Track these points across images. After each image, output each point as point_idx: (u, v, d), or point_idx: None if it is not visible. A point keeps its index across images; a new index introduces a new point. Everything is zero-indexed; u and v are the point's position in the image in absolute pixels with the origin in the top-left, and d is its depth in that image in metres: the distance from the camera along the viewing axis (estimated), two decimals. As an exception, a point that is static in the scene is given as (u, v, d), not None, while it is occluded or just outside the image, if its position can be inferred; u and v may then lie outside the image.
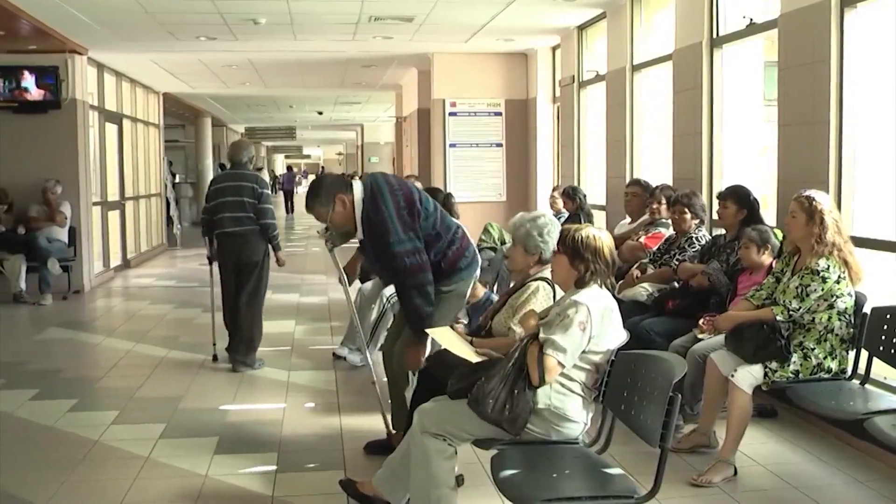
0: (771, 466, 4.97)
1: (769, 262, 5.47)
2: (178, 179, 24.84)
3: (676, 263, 6.35)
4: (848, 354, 4.85)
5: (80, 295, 11.91)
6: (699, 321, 5.25)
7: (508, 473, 3.49)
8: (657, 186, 7.61)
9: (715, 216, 6.52)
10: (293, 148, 56.08)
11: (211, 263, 7.70)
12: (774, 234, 5.64)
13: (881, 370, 5.06)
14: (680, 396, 3.28)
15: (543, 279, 4.45)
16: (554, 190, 10.56)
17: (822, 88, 5.84)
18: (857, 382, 4.83)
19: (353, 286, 6.50)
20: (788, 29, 6.28)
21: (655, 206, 7.34)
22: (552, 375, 3.67)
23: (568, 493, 3.39)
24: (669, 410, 3.27)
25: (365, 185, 4.73)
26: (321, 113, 26.31)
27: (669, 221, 6.91)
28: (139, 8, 9.55)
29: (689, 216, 6.48)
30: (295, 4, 9.58)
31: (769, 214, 6.44)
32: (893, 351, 4.65)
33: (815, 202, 4.81)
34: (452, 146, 13.27)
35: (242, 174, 7.49)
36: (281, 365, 7.57)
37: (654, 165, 9.10)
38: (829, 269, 4.73)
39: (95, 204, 13.11)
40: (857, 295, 4.86)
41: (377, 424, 5.30)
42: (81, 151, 12.16)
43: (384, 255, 4.67)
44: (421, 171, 14.62)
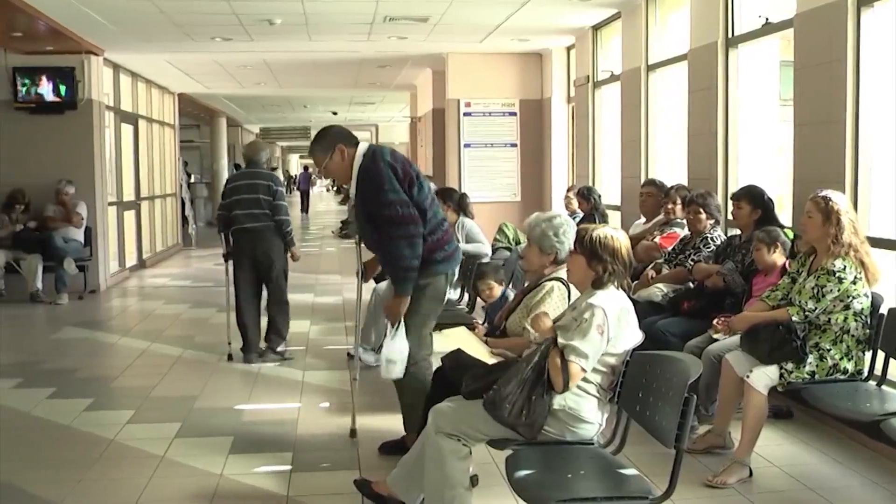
0: (786, 468, 4.95)
1: (782, 261, 5.45)
2: (193, 179, 24.90)
3: (691, 264, 6.33)
4: (864, 355, 4.83)
5: (95, 294, 11.96)
6: (714, 322, 5.24)
7: (523, 474, 3.49)
8: (672, 186, 7.60)
9: (730, 216, 6.50)
10: (308, 148, 56.14)
11: (227, 261, 7.80)
12: (785, 233, 5.62)
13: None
14: (695, 397, 3.28)
15: (558, 279, 4.45)
16: (569, 190, 10.55)
17: (838, 88, 5.81)
18: (873, 384, 4.81)
19: (367, 285, 6.51)
20: (804, 28, 6.25)
21: (670, 206, 7.33)
22: (575, 381, 3.67)
23: (583, 493, 3.39)
24: (684, 411, 3.26)
25: (369, 146, 4.90)
26: (336, 113, 26.34)
27: (684, 222, 6.89)
28: (155, 9, 9.59)
29: (704, 216, 6.46)
30: (310, 5, 9.59)
31: (784, 215, 6.41)
32: (910, 352, 4.63)
33: (831, 202, 4.79)
34: (467, 146, 13.26)
35: (258, 173, 7.65)
36: (296, 365, 7.59)
37: (669, 165, 9.08)
38: (845, 269, 4.71)
39: (111, 204, 13.17)
40: (873, 296, 4.83)
41: (392, 424, 5.31)
42: (97, 152, 12.22)
43: (377, 205, 4.69)
44: (435, 171, 14.62)
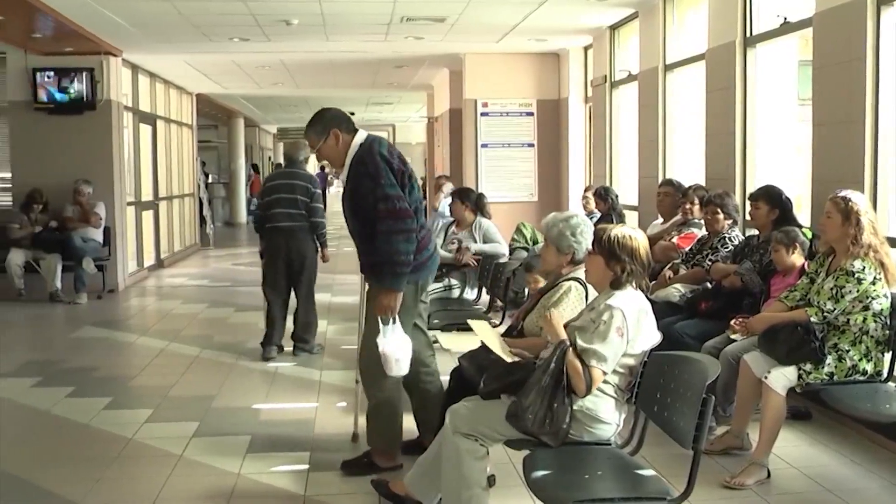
0: (805, 469, 4.93)
1: (801, 262, 5.42)
2: (210, 179, 25.00)
3: (709, 264, 6.31)
4: (884, 356, 4.79)
5: (114, 294, 12.03)
6: (732, 322, 5.22)
7: (540, 474, 3.49)
8: (690, 186, 7.57)
9: (748, 217, 6.48)
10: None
11: (262, 258, 8.02)
12: (803, 233, 5.59)
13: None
14: (713, 398, 3.27)
15: (576, 279, 4.44)
16: (586, 190, 10.53)
17: (857, 87, 5.78)
18: (892, 385, 4.78)
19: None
20: (823, 27, 6.22)
21: (688, 206, 7.31)
22: (596, 385, 3.67)
23: (600, 494, 3.39)
24: (702, 412, 3.25)
25: (367, 136, 4.85)
26: (353, 113, 25.99)
27: (702, 222, 6.86)
28: (173, 10, 9.63)
29: (721, 216, 6.44)
30: (327, 5, 9.61)
31: (803, 215, 6.38)
32: (930, 353, 4.60)
33: (851, 202, 4.76)
34: (484, 146, 13.25)
35: (297, 173, 7.85)
36: (313, 364, 7.61)
37: (686, 165, 9.05)
38: (864, 270, 4.68)
39: (129, 204, 13.23)
40: (893, 296, 4.80)
41: (408, 424, 5.30)
42: (116, 152, 12.29)
43: (371, 198, 4.59)
44: (452, 171, 14.61)
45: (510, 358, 4.00)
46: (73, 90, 11.83)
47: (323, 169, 39.85)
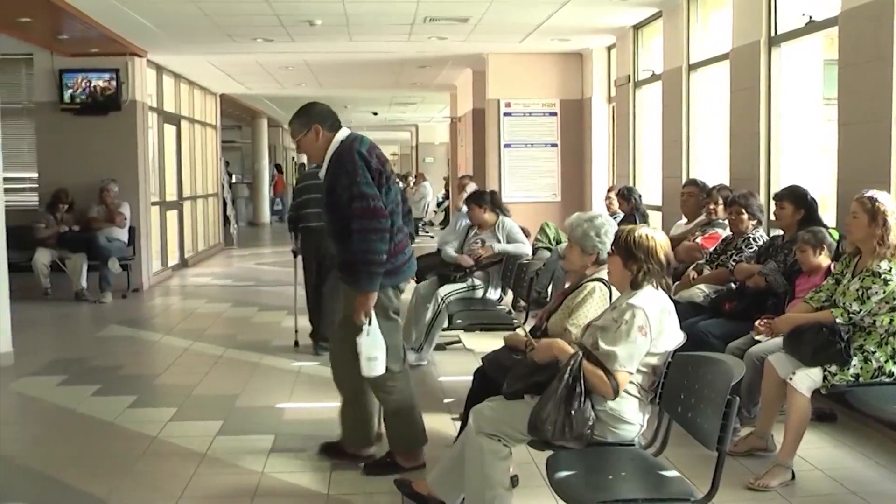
0: (829, 471, 4.90)
1: (827, 263, 5.38)
2: (234, 180, 25.12)
3: (733, 264, 6.28)
4: (910, 358, 4.76)
5: (139, 293, 12.10)
6: (756, 323, 5.19)
7: (564, 475, 3.48)
8: (714, 187, 7.54)
9: (772, 217, 6.44)
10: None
11: (295, 257, 8.30)
12: (830, 234, 5.55)
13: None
14: (737, 399, 3.25)
15: (600, 280, 4.43)
16: (609, 190, 10.50)
17: (883, 87, 5.72)
18: (919, 387, 4.74)
19: (409, 284, 6.52)
20: (849, 26, 6.17)
21: (712, 206, 7.28)
22: (623, 386, 3.66)
23: (624, 494, 3.38)
24: (727, 413, 3.24)
25: (350, 134, 4.83)
26: (376, 114, 26.40)
27: (726, 222, 6.83)
28: (198, 11, 9.68)
29: (745, 217, 6.41)
30: (351, 6, 9.63)
31: (829, 215, 6.34)
32: (958, 355, 4.56)
33: (877, 203, 4.73)
34: (507, 146, 13.24)
35: None
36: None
37: (710, 165, 9.01)
38: (890, 271, 4.65)
39: (154, 204, 13.32)
40: (920, 298, 4.76)
41: (432, 423, 5.30)
42: (141, 152, 12.37)
43: (346, 196, 4.59)
44: (475, 171, 14.63)
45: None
46: (98, 91, 11.93)
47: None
